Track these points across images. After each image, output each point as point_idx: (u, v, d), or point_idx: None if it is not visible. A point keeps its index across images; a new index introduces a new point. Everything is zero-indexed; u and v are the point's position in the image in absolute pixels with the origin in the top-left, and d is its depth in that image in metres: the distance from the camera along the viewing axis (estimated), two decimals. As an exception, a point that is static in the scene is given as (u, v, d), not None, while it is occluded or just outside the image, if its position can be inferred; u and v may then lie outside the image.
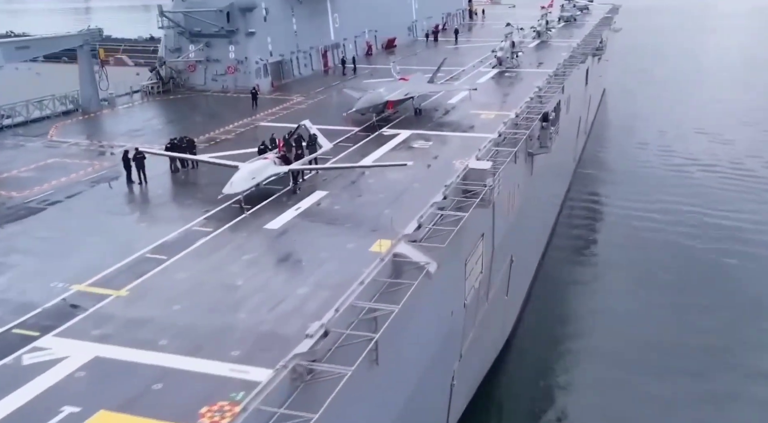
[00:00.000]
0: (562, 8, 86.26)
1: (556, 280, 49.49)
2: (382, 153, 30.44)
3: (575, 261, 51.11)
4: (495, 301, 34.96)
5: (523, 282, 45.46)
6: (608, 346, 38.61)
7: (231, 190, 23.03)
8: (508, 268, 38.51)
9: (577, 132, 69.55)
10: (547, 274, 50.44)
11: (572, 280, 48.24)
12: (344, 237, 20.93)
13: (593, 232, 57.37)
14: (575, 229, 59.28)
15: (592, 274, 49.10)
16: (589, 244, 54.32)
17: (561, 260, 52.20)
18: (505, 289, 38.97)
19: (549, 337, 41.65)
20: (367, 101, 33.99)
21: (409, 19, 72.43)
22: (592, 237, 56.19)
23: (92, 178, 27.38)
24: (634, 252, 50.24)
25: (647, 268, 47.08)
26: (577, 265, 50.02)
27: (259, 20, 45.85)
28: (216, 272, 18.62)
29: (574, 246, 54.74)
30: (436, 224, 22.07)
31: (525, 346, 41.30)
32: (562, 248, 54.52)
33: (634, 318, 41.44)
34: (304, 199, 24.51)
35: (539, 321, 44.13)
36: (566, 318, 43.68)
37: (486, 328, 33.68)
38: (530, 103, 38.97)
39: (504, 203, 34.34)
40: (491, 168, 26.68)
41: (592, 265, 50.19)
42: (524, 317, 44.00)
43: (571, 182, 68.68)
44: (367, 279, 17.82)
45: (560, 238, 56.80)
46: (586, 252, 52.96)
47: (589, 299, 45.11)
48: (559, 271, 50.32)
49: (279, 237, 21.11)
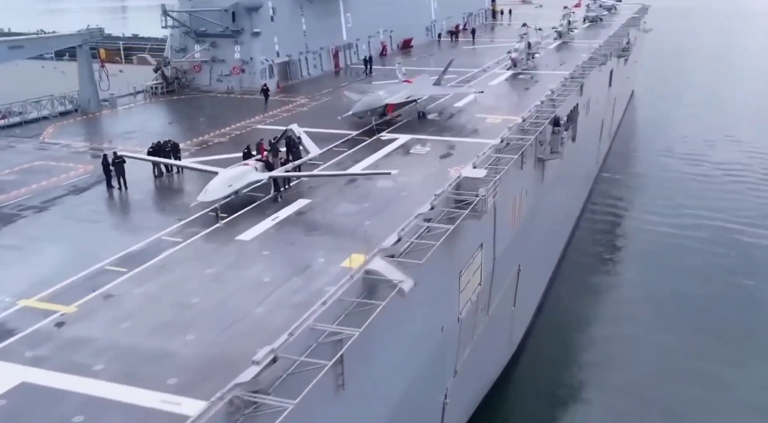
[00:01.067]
0: (587, 8, 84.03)
1: (572, 290, 47.88)
2: (376, 159, 29.21)
3: (593, 270, 49.39)
4: (498, 313, 33.59)
5: (534, 292, 43.93)
6: (623, 365, 36.90)
7: (205, 197, 21.98)
8: (515, 279, 37.10)
9: (600, 135, 67.61)
10: (562, 284, 48.80)
11: (589, 289, 46.57)
12: (317, 250, 19.73)
13: (614, 240, 55.52)
14: (595, 236, 57.49)
15: (611, 284, 47.33)
16: (609, 253, 52.50)
17: (578, 269, 50.50)
18: (512, 299, 37.54)
19: (560, 350, 40.11)
20: (364, 104, 32.75)
21: (428, 19, 70.99)
22: (613, 245, 54.37)
23: (74, 182, 26.55)
24: (656, 264, 48.28)
25: (669, 282, 45.11)
26: (595, 275, 48.30)
27: (266, 20, 44.88)
28: (174, 288, 17.54)
29: (594, 254, 53.01)
30: (420, 237, 20.77)
31: (534, 360, 39.80)
32: (579, 256, 52.79)
33: (652, 333, 39.58)
34: (285, 207, 23.37)
35: (551, 332, 42.63)
36: (580, 330, 42.08)
37: (487, 342, 32.31)
38: (541, 106, 37.39)
39: (508, 211, 32.94)
40: (486, 177, 25.29)
41: (611, 275, 48.39)
42: (535, 328, 42.51)
43: (593, 187, 66.82)
44: (332, 298, 16.61)
45: (579, 245, 55.08)
46: (605, 261, 51.18)
47: (606, 311, 43.42)
48: (576, 281, 48.64)
49: (248, 249, 19.97)
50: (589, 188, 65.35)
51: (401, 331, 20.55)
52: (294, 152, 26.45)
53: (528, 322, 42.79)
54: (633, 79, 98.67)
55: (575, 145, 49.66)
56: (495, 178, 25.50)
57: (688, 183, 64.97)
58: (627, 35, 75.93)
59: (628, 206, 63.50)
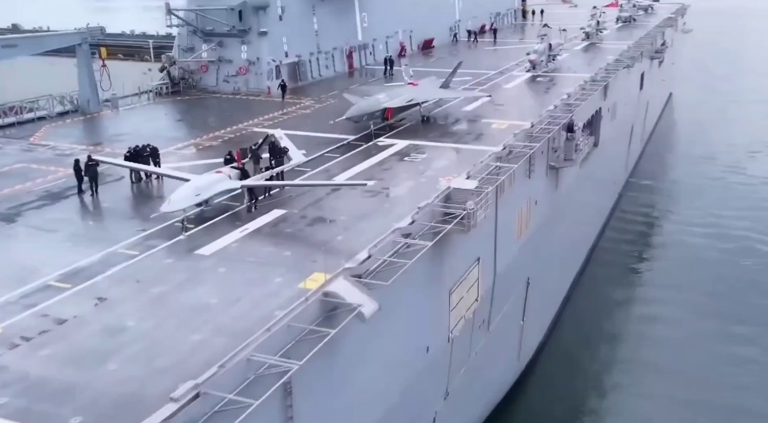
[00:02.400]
0: (621, 8, 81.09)
1: (592, 305, 45.86)
2: (367, 166, 27.62)
3: (617, 283, 47.21)
4: (503, 329, 31.84)
5: (548, 306, 42.01)
6: (642, 389, 34.78)
7: (168, 208, 20.63)
8: (523, 292, 35.31)
9: (629, 140, 65.03)
10: (581, 297, 46.75)
11: (611, 304, 44.44)
12: (276, 269, 18.21)
13: (641, 251, 53.17)
14: (621, 246, 55.17)
15: (635, 299, 45.03)
16: (635, 266, 50.20)
17: (600, 282, 48.34)
18: (521, 314, 35.75)
19: (574, 369, 38.17)
20: (361, 108, 31.17)
21: (452, 19, 69.06)
22: (639, 257, 52.04)
23: (48, 186, 25.52)
24: (685, 280, 45.73)
25: (699, 301, 42.50)
26: (618, 288, 46.10)
27: (274, 19, 43.61)
28: (111, 309, 16.20)
29: (618, 266, 50.75)
30: (397, 254, 19.15)
31: (545, 379, 37.91)
32: (603, 268, 50.59)
33: (678, 357, 37.23)
34: (258, 219, 21.93)
35: (566, 349, 40.69)
36: (598, 348, 40.09)
37: (487, 361, 30.58)
38: (554, 111, 35.41)
39: (513, 223, 31.19)
40: (478, 188, 23.56)
41: (636, 289, 46.13)
42: (549, 344, 40.61)
43: (622, 193, 64.37)
44: (279, 325, 15.11)
45: (603, 256, 52.90)
46: (630, 274, 48.91)
47: (628, 328, 41.24)
48: (597, 294, 46.53)
49: (203, 266, 18.56)
50: (616, 195, 62.89)
51: (373, 355, 19.00)
52: (277, 159, 25.00)
53: (540, 337, 40.90)
54: (670, 81, 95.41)
55: (598, 150, 47.52)
56: (487, 190, 23.72)
57: (725, 193, 61.97)
58: (662, 36, 73.03)
59: (658, 215, 60.89)
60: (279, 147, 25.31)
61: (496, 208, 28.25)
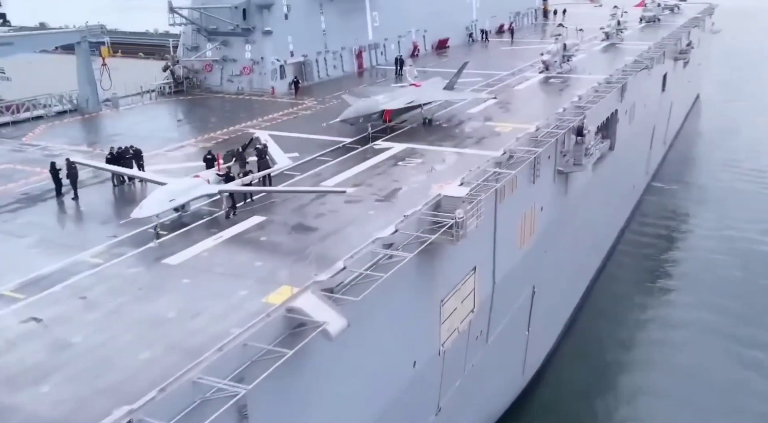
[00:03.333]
0: (645, 8, 78.92)
1: (606, 314, 44.46)
2: (359, 170, 26.51)
3: (633, 292, 45.75)
4: (504, 340, 30.63)
5: (557, 315, 40.63)
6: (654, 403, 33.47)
7: (139, 214, 19.73)
8: (528, 301, 34.04)
9: (650, 142, 63.21)
10: (595, 306, 45.33)
11: (625, 314, 43.03)
12: (243, 280, 17.19)
13: (660, 259, 51.53)
14: (639, 253, 53.54)
15: (651, 310, 43.51)
16: (652, 274, 48.56)
17: (615, 290, 46.87)
18: (526, 324, 34.47)
19: (583, 380, 36.88)
20: (357, 110, 30.07)
21: (468, 18, 67.65)
22: (658, 266, 50.41)
23: (28, 189, 24.83)
24: (705, 291, 44.09)
25: (719, 317, 40.79)
26: (634, 298, 44.65)
27: (279, 18, 42.70)
28: (60, 323, 15.29)
29: (635, 274, 49.23)
30: (376, 266, 18.08)
31: (552, 390, 36.67)
32: (618, 276, 49.07)
33: (695, 369, 35.80)
34: (234, 226, 20.96)
35: (575, 360, 39.39)
36: (610, 358, 38.80)
37: (486, 373, 29.40)
38: (563, 114, 34.05)
39: (515, 230, 29.95)
40: (469, 195, 22.37)
41: (653, 298, 44.57)
42: (558, 354, 39.32)
43: (642, 198, 62.59)
44: (233, 343, 14.12)
45: (619, 263, 51.40)
46: (647, 283, 47.34)
47: (641, 340, 39.90)
48: (611, 303, 45.08)
49: (168, 276, 17.62)
50: (636, 200, 61.16)
51: (347, 373, 17.95)
52: (261, 162, 24.02)
53: (548, 348, 39.59)
54: (697, 82, 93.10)
55: (614, 153, 46.00)
56: (480, 198, 22.52)
57: (751, 200, 59.96)
58: (687, 36, 70.97)
59: (680, 222, 59.05)
60: (262, 149, 24.29)
61: (495, 215, 27.05)
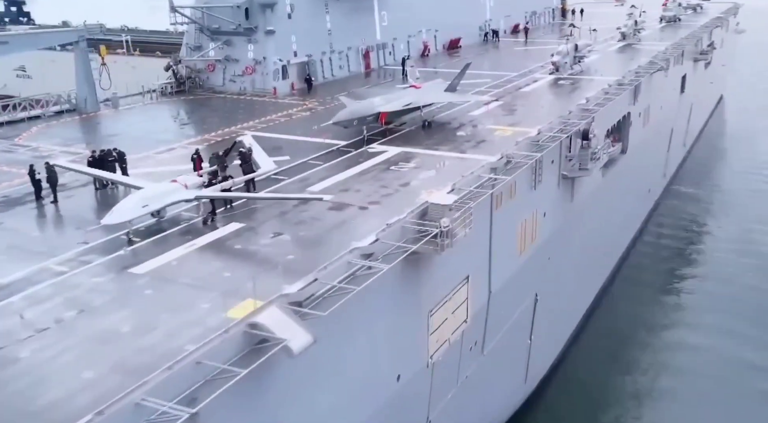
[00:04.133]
0: (665, 7, 77.08)
1: (616, 322, 43.36)
2: (348, 175, 25.69)
3: (645, 300, 44.60)
4: (503, 350, 29.73)
5: (563, 322, 39.58)
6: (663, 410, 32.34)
7: (110, 220, 19.07)
8: (530, 309, 33.08)
9: (668, 145, 61.72)
10: (605, 314, 44.19)
11: (637, 323, 41.87)
12: (208, 292, 16.43)
13: (675, 266, 50.18)
14: (654, 259, 52.23)
15: (663, 319, 42.37)
16: (667, 282, 47.36)
17: (628, 297, 45.69)
18: (528, 332, 33.51)
19: (589, 389, 35.94)
20: (351, 112, 29.23)
21: (482, 18, 66.49)
22: (673, 273, 49.09)
23: (8, 192, 24.37)
24: (721, 301, 42.68)
25: (735, 325, 39.47)
26: (646, 306, 43.61)
27: (283, 18, 42.00)
28: (9, 336, 14.64)
29: (649, 281, 48.00)
30: (353, 277, 17.27)
31: (557, 398, 35.74)
32: (632, 282, 47.85)
33: (706, 384, 34.62)
34: (210, 233, 20.24)
35: (583, 368, 38.39)
36: (617, 367, 37.74)
37: (483, 384, 28.51)
38: (567, 117, 32.97)
39: (513, 237, 29.02)
40: (457, 203, 21.47)
41: (666, 307, 43.36)
42: (566, 362, 38.32)
43: (659, 202, 61.13)
44: (184, 362, 13.39)
45: (633, 269, 50.20)
46: (661, 291, 46.14)
47: (652, 350, 38.88)
48: (623, 311, 43.91)
49: (131, 287, 16.91)
50: (652, 203, 59.70)
51: (319, 391, 17.18)
52: (245, 167, 23.28)
53: (554, 356, 38.58)
54: (720, 83, 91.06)
55: (626, 157, 44.81)
56: (469, 206, 21.61)
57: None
58: (709, 36, 69.24)
59: (698, 226, 57.49)
60: (247, 154, 23.57)
61: (491, 222, 26.15)
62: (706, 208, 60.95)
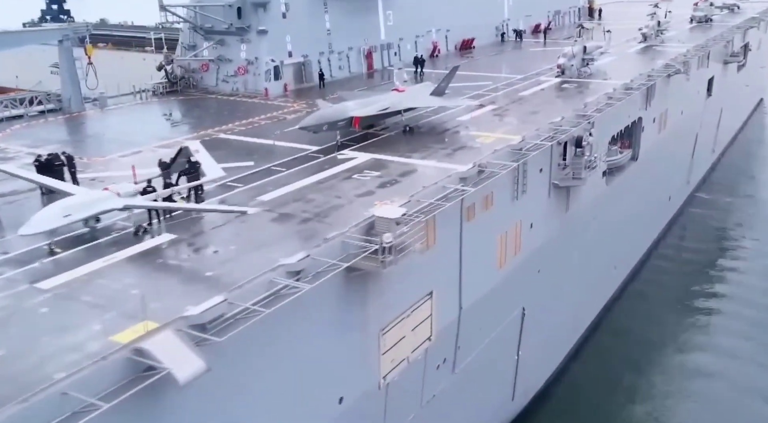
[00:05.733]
0: (695, 7, 73.87)
1: (623, 335, 41.39)
2: (305, 184, 24.31)
3: (657, 315, 42.34)
4: (482, 366, 28.26)
5: (561, 336, 37.87)
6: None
7: (27, 230, 18.09)
8: (517, 323, 31.60)
9: (692, 151, 59.12)
10: (609, 330, 42.22)
11: (643, 341, 39.87)
12: (106, 312, 15.28)
13: (693, 276, 47.81)
14: (671, 269, 49.86)
15: (674, 334, 40.28)
16: (684, 294, 45.09)
17: (639, 309, 43.63)
18: (515, 347, 32.02)
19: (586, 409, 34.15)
20: (320, 117, 27.89)
21: (500, 17, 64.51)
22: (690, 284, 46.76)
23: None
24: (744, 317, 40.62)
25: (753, 352, 37.35)
26: (655, 325, 41.30)
27: (276, 17, 40.90)
28: None
29: (664, 292, 45.75)
30: (274, 297, 16.06)
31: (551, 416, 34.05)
32: (644, 295, 45.68)
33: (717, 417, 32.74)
34: (138, 244, 19.14)
35: (579, 386, 36.59)
36: (616, 386, 35.90)
37: (454, 404, 27.08)
38: (558, 124, 31.18)
39: (494, 249, 27.50)
40: (405, 216, 20.04)
41: (679, 323, 41.31)
42: (563, 378, 36.60)
43: (682, 210, 58.56)
44: (45, 393, 12.28)
45: (647, 279, 47.98)
46: (675, 303, 43.93)
47: (660, 364, 37.33)
48: (632, 325, 41.90)
49: (28, 305, 15.82)
50: (673, 212, 57.19)
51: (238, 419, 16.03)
52: (191, 175, 22.13)
53: (550, 371, 36.93)
54: (759, 86, 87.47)
55: (638, 164, 42.77)
56: (418, 219, 20.17)
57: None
58: (742, 37, 66.18)
59: (723, 238, 54.81)
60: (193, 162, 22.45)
61: (461, 235, 24.70)
62: (735, 219, 58.07)
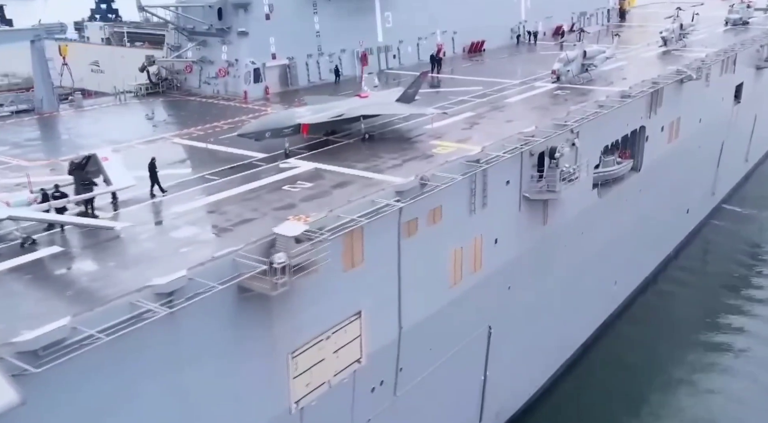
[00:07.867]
0: (730, 8, 69.99)
1: (617, 355, 39.38)
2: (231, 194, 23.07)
3: (655, 337, 40.39)
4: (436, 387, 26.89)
5: (540, 357, 35.94)
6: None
7: None
8: (482, 342, 30.10)
9: (717, 161, 56.09)
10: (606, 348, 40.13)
11: (638, 365, 37.91)
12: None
13: (706, 295, 45.19)
14: (685, 285, 47.27)
15: (675, 361, 38.23)
16: (692, 315, 42.58)
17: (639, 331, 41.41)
18: (481, 367, 30.54)
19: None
20: (262, 124, 26.56)
21: (515, 19, 62.11)
22: (701, 303, 44.16)
23: None
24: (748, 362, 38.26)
25: None
26: (657, 346, 39.28)
27: (259, 19, 39.72)
28: None
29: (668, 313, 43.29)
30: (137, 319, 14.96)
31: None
32: (645, 315, 43.37)
33: None
34: (18, 257, 18.15)
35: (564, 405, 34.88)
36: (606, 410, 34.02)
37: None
38: (529, 134, 29.32)
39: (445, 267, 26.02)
40: (304, 234, 18.70)
41: (681, 350, 39.14)
42: (550, 398, 34.92)
43: (705, 222, 55.55)
44: None
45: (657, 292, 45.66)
46: (680, 325, 41.51)
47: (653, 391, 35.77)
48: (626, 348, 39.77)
49: None
50: (693, 225, 54.20)
51: None
52: (86, 185, 20.98)
53: (529, 393, 35.18)
54: None
55: (640, 175, 40.43)
56: (322, 237, 18.75)
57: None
58: (765, 42, 62.45)
59: (749, 254, 51.73)
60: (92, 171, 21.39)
61: (399, 252, 23.23)
62: (761, 233, 54.89)
